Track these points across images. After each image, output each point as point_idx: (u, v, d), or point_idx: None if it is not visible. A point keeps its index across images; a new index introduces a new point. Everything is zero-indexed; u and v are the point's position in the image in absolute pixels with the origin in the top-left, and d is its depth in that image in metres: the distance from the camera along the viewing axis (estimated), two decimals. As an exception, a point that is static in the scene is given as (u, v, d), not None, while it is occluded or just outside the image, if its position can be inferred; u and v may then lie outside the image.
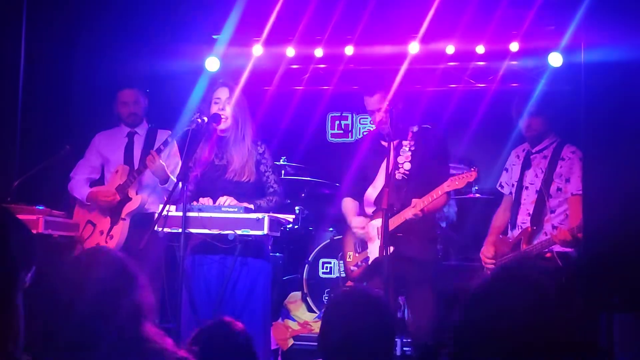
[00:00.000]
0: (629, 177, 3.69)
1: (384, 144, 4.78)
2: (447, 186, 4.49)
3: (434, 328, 4.66)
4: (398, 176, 4.70)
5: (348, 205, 4.97)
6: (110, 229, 5.15)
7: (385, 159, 4.61)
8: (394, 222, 4.54)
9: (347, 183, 5.06)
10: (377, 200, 4.75)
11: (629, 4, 3.77)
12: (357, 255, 4.87)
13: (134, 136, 5.51)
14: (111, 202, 5.20)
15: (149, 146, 5.39)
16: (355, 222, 4.82)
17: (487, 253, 4.91)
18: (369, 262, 4.74)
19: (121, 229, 5.14)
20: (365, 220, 4.79)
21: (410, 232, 4.59)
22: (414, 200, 4.52)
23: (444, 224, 7.16)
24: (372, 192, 4.82)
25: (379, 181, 4.76)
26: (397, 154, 4.73)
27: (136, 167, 5.33)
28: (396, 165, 4.72)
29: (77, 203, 5.43)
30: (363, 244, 4.85)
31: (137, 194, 5.20)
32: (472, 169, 4.54)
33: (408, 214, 4.52)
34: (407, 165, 4.71)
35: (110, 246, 5.05)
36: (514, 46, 7.05)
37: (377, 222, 4.62)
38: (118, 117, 5.57)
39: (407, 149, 4.75)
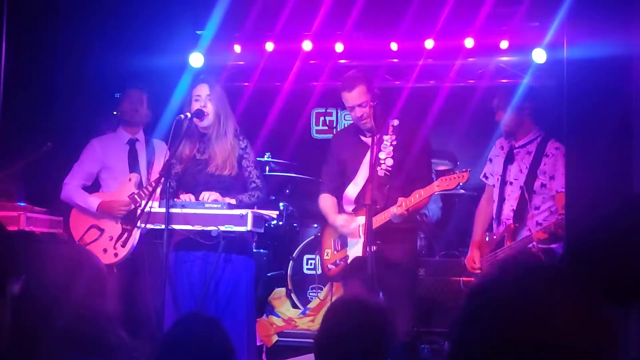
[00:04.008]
0: (612, 172, 3.69)
1: (365, 139, 4.69)
2: (436, 186, 4.39)
3: (410, 330, 4.67)
4: (380, 172, 4.58)
5: (327, 202, 4.84)
6: (121, 236, 4.99)
7: (368, 155, 4.54)
8: (378, 221, 4.45)
9: (325, 180, 4.95)
10: (359, 198, 4.64)
11: (611, 1, 3.78)
12: (335, 253, 4.79)
13: (135, 144, 5.46)
14: (126, 212, 5.14)
15: (150, 155, 5.41)
16: (340, 220, 4.70)
17: (471, 261, 4.89)
18: (348, 260, 4.65)
19: (135, 237, 5.03)
20: (350, 218, 4.67)
21: (394, 233, 4.49)
22: (400, 199, 4.42)
23: (427, 212, 7.12)
24: (352, 189, 4.70)
25: (360, 178, 4.66)
26: (378, 150, 4.60)
27: (144, 175, 5.32)
28: (378, 161, 4.59)
29: (75, 207, 5.32)
30: (343, 242, 4.78)
31: None
32: (465, 170, 4.44)
33: (394, 212, 4.42)
34: (390, 161, 4.59)
35: (121, 253, 5.01)
36: (504, 44, 7.06)
37: (357, 222, 4.58)
38: (118, 118, 5.52)
39: (388, 143, 4.63)
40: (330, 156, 4.91)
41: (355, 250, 4.61)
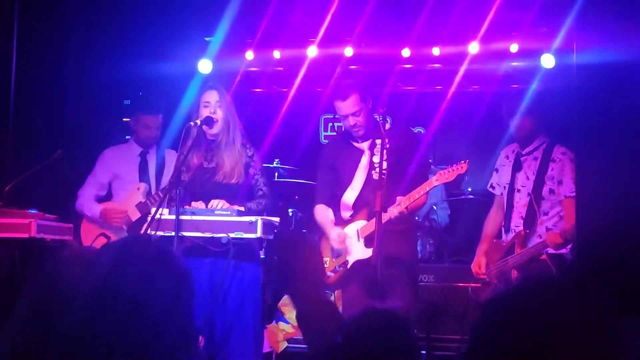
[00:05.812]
0: (622, 178, 3.69)
1: (357, 145, 4.67)
2: (435, 180, 4.28)
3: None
4: (375, 176, 4.50)
5: (323, 213, 4.76)
6: None
7: (362, 160, 4.57)
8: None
9: (319, 189, 4.88)
10: (357, 204, 4.60)
11: (621, 6, 3.77)
12: (334, 260, 4.70)
13: (146, 155, 5.65)
14: (122, 223, 5.26)
15: (161, 165, 5.57)
16: (334, 234, 4.61)
17: (477, 266, 4.87)
18: (348, 265, 4.58)
19: None
20: (343, 232, 4.59)
21: (393, 233, 4.40)
22: (398, 198, 4.34)
23: (436, 217, 7.13)
24: (350, 194, 4.63)
25: (357, 183, 4.61)
26: (372, 154, 4.58)
27: (153, 184, 5.49)
28: (372, 166, 4.56)
29: (86, 218, 5.51)
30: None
31: None
32: (463, 161, 4.26)
33: (393, 212, 4.33)
34: (384, 165, 4.39)
35: None
36: (513, 48, 7.07)
37: (356, 225, 4.55)
38: (133, 135, 5.66)
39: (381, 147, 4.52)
40: (323, 165, 4.86)
41: (355, 254, 4.55)
